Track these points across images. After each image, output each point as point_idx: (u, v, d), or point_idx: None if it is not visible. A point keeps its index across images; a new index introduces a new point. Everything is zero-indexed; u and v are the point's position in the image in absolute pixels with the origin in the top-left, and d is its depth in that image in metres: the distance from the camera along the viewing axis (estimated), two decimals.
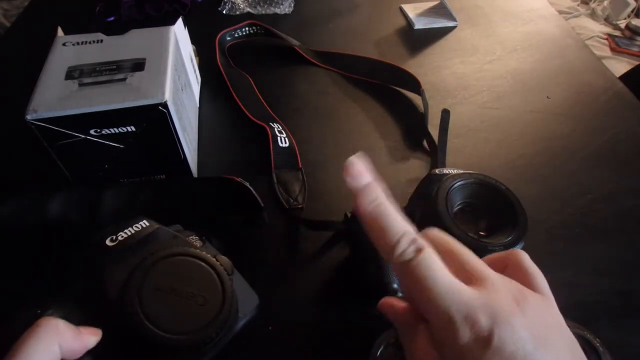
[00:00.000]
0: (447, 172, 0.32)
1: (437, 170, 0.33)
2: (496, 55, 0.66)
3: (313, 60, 0.64)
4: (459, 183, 0.30)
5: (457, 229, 0.27)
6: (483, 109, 0.57)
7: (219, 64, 0.60)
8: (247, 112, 0.54)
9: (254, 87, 0.58)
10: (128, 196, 0.39)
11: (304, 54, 0.64)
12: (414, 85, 0.57)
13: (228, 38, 0.66)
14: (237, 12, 0.73)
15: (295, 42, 0.65)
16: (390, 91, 0.60)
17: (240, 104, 0.55)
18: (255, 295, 0.32)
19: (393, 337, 0.35)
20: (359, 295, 0.36)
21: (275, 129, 0.52)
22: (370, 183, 0.21)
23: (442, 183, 0.30)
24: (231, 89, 0.57)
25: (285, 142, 0.51)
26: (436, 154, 0.49)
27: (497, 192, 0.30)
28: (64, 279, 0.27)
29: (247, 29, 0.67)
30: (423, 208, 0.31)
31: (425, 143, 0.52)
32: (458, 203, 0.29)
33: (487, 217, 0.30)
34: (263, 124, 0.52)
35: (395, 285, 0.32)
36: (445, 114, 0.52)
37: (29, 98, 0.37)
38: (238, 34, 0.67)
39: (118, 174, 0.43)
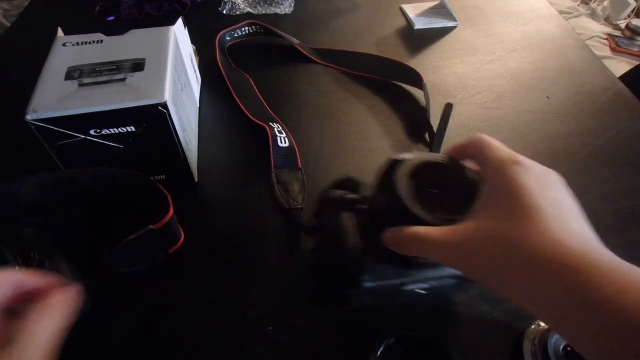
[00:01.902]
0: (408, 156, 0.31)
1: (398, 155, 0.32)
2: (496, 55, 0.66)
3: (313, 58, 0.64)
4: (419, 165, 0.29)
5: (421, 211, 0.27)
6: (483, 109, 0.57)
7: (219, 63, 0.60)
8: (247, 112, 0.54)
9: (254, 86, 0.58)
10: (103, 179, 0.39)
11: (304, 52, 0.64)
12: (416, 79, 0.58)
13: (228, 38, 0.66)
14: (237, 12, 0.73)
15: (295, 40, 0.65)
16: (390, 88, 0.60)
17: (240, 103, 0.55)
18: None
19: (393, 337, 0.35)
20: (333, 290, 0.36)
21: (275, 129, 0.52)
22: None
23: (403, 166, 0.29)
24: (231, 89, 0.57)
25: (285, 142, 0.51)
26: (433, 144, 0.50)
27: (460, 172, 0.29)
28: None
29: (246, 28, 0.67)
30: (386, 193, 0.30)
31: (427, 136, 0.52)
32: (421, 185, 0.28)
33: (452, 198, 0.28)
34: (263, 124, 0.52)
35: (368, 284, 0.32)
36: (449, 107, 0.52)
37: (29, 98, 0.37)
38: (238, 33, 0.67)
39: (119, 175, 0.43)
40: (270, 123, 0.53)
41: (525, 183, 0.23)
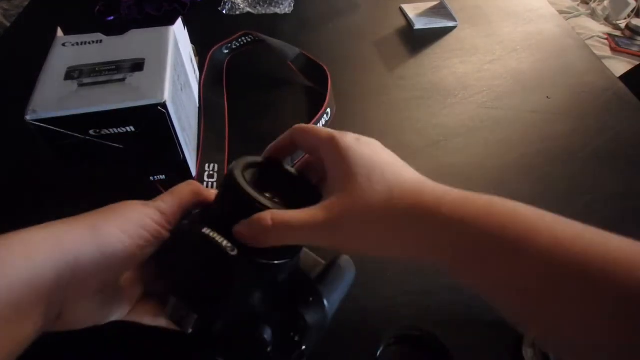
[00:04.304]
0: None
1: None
2: (496, 55, 0.66)
3: (304, 77, 0.61)
4: (247, 165, 0.27)
5: (267, 201, 0.25)
6: (483, 109, 0.57)
7: (201, 85, 0.58)
8: (199, 146, 0.51)
9: (226, 116, 0.55)
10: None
11: (295, 69, 0.61)
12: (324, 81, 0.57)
13: (225, 51, 0.64)
14: (237, 12, 0.73)
15: (291, 53, 0.61)
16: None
17: (201, 134, 0.52)
18: None
19: (393, 337, 0.35)
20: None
21: (207, 173, 0.48)
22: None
23: (234, 169, 0.26)
24: (203, 113, 0.54)
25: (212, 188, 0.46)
26: None
27: (281, 169, 0.29)
28: None
29: (243, 39, 0.65)
30: (229, 196, 0.27)
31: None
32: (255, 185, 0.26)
33: (282, 194, 0.27)
34: (197, 167, 0.48)
35: None
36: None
37: (29, 98, 0.37)
38: (235, 45, 0.65)
39: (117, 174, 0.43)
40: (208, 164, 0.49)
41: (357, 151, 0.24)
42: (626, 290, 0.16)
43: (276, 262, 0.26)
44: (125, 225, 0.25)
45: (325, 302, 0.28)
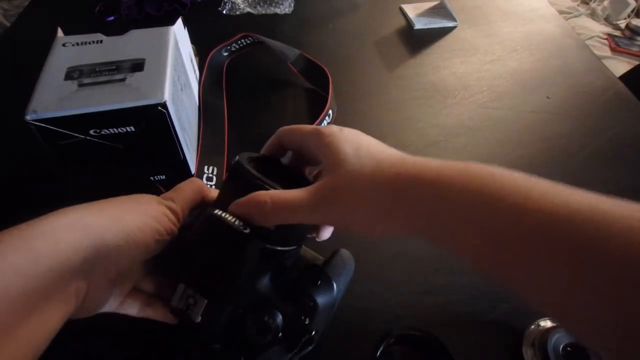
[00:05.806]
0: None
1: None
2: (496, 55, 0.66)
3: (305, 79, 0.61)
4: (250, 159, 0.29)
5: (275, 184, 0.26)
6: (483, 109, 0.57)
7: (201, 86, 0.57)
8: (198, 149, 0.50)
9: (225, 119, 0.55)
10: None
11: (295, 70, 0.61)
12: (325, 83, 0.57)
13: (225, 54, 0.63)
14: (237, 12, 0.73)
15: (291, 54, 0.60)
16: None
17: (200, 136, 0.51)
18: None
19: (393, 337, 0.35)
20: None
21: (206, 175, 0.47)
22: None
23: (239, 161, 0.27)
24: (202, 116, 0.54)
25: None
26: None
27: (278, 162, 0.31)
28: None
29: (242, 41, 0.65)
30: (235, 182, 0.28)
31: None
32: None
33: (279, 181, 0.28)
34: (196, 169, 0.48)
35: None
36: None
37: (29, 98, 0.37)
38: (234, 47, 0.64)
39: (118, 174, 0.43)
40: (207, 166, 0.48)
41: (341, 136, 0.26)
42: (590, 241, 0.18)
43: (284, 248, 0.27)
44: (146, 218, 0.25)
45: (334, 284, 0.29)
